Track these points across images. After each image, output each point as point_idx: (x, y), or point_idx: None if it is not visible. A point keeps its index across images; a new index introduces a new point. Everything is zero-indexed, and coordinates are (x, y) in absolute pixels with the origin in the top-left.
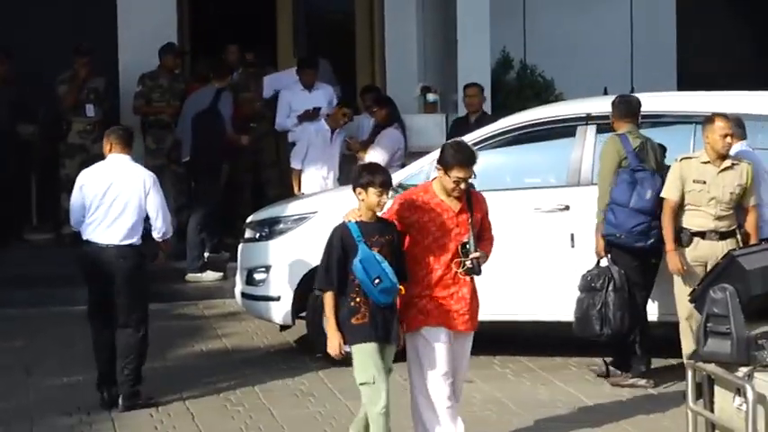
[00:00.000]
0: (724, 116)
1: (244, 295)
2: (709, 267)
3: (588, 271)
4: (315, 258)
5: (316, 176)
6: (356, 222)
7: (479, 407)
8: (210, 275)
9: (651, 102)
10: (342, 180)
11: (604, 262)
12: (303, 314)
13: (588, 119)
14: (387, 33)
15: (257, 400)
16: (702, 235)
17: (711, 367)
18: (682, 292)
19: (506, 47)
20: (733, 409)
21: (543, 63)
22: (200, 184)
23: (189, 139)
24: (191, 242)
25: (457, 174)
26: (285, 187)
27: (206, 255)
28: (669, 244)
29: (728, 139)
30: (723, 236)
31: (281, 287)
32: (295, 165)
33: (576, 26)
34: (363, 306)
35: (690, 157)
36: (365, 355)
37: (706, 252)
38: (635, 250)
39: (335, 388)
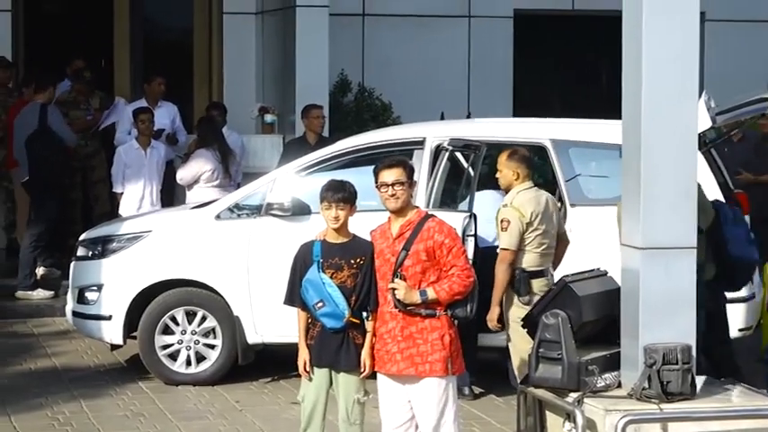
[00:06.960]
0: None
1: (75, 314)
2: None
3: None
4: (148, 277)
5: (132, 198)
6: (320, 241)
7: None
8: (41, 293)
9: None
10: (166, 198)
11: None
12: (134, 334)
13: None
14: (225, 53)
15: (86, 420)
16: None
17: (542, 392)
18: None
19: (344, 69)
20: None
21: (381, 86)
22: (37, 201)
23: (25, 160)
24: (23, 260)
25: (380, 179)
26: (115, 205)
27: (38, 272)
28: None
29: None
30: None
31: (112, 306)
32: (116, 188)
33: (413, 50)
34: (313, 327)
35: None
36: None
37: None
38: None
39: (166, 409)
